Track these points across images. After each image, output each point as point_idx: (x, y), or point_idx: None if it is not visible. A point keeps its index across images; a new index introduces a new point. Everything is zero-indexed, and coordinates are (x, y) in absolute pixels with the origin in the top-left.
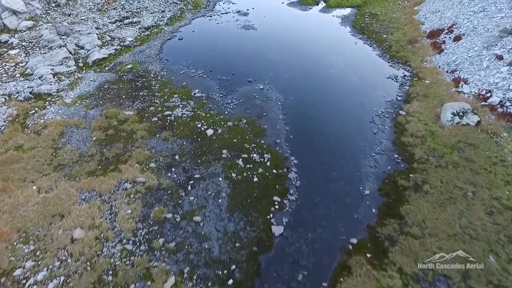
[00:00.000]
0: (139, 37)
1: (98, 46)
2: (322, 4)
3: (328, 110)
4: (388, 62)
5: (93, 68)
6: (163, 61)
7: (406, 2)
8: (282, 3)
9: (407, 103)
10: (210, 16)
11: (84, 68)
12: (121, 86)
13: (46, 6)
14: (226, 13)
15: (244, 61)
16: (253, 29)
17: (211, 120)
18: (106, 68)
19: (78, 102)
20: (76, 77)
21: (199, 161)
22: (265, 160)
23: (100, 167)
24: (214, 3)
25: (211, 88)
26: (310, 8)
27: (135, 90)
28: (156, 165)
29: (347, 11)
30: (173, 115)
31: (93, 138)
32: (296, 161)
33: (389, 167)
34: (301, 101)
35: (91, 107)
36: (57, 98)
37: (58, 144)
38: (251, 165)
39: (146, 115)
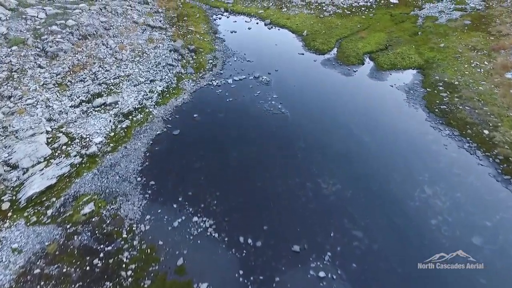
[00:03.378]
0: (113, 134)
1: (44, 160)
2: (369, 64)
3: None
4: None
5: (25, 215)
6: (146, 190)
7: (486, 63)
8: (315, 61)
9: None
10: (219, 86)
11: (9, 215)
12: (64, 273)
13: None
14: (240, 79)
15: (281, 200)
16: (280, 112)
17: None
18: (49, 213)
19: None
20: None
21: None
22: None
23: None
24: (223, 62)
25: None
26: (355, 71)
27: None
28: None
29: (407, 76)
30: None
31: None
32: None
33: None
34: None
35: None
36: None
37: None
38: None
39: None
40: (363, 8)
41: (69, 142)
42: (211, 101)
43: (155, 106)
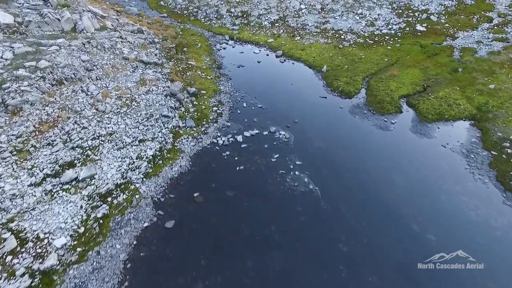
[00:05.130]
0: (83, 231)
1: None
2: (408, 112)
3: None
4: None
5: None
6: None
7: None
8: (341, 108)
9: None
10: (226, 146)
11: None
12: None
13: None
14: (252, 135)
15: None
16: (308, 190)
17: None
18: None
19: None
20: None
21: None
22: None
23: None
24: (230, 109)
25: None
26: (393, 123)
27: None
28: None
29: (460, 131)
30: None
31: None
32: None
33: None
34: None
35: None
36: None
37: None
38: None
39: None
40: (387, 37)
41: (18, 249)
42: (217, 170)
43: (144, 179)
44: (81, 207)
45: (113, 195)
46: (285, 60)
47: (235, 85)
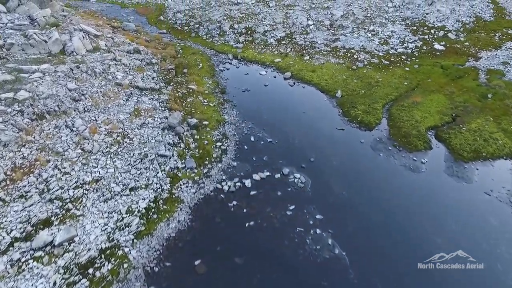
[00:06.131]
0: None
1: None
2: (438, 148)
3: None
4: None
5: None
6: None
7: None
8: (362, 142)
9: None
10: (232, 193)
11: None
12: None
13: None
14: (262, 178)
15: None
16: (333, 256)
17: None
18: None
19: None
20: None
21: None
22: None
23: None
24: (236, 144)
25: None
26: (423, 163)
27: None
28: None
29: (504, 173)
30: None
31: None
32: None
33: None
34: None
35: None
36: None
37: None
38: None
39: None
40: (403, 57)
41: None
42: (222, 226)
43: (134, 241)
44: (55, 284)
45: (96, 265)
46: (294, 83)
47: (241, 114)
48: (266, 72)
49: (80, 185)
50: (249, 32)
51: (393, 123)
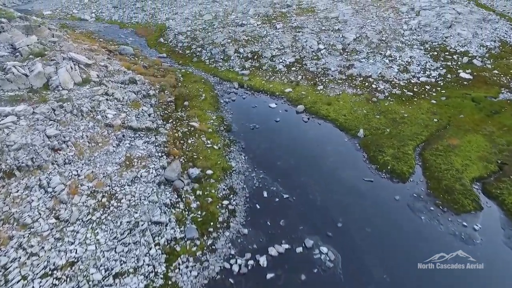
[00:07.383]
0: None
1: None
2: (490, 208)
3: None
4: None
5: None
6: None
7: None
8: (396, 200)
9: None
10: (243, 276)
11: None
12: None
13: None
14: (280, 253)
15: None
16: None
17: None
18: None
19: None
20: None
21: None
22: None
23: None
24: (246, 202)
25: None
26: (476, 230)
27: None
28: None
29: None
30: None
31: None
32: None
33: None
34: None
35: None
36: None
37: None
38: None
39: None
40: (427, 87)
41: None
42: None
43: None
44: None
45: None
46: (309, 119)
47: (250, 159)
48: (276, 104)
49: (49, 272)
50: (255, 57)
51: (430, 173)
